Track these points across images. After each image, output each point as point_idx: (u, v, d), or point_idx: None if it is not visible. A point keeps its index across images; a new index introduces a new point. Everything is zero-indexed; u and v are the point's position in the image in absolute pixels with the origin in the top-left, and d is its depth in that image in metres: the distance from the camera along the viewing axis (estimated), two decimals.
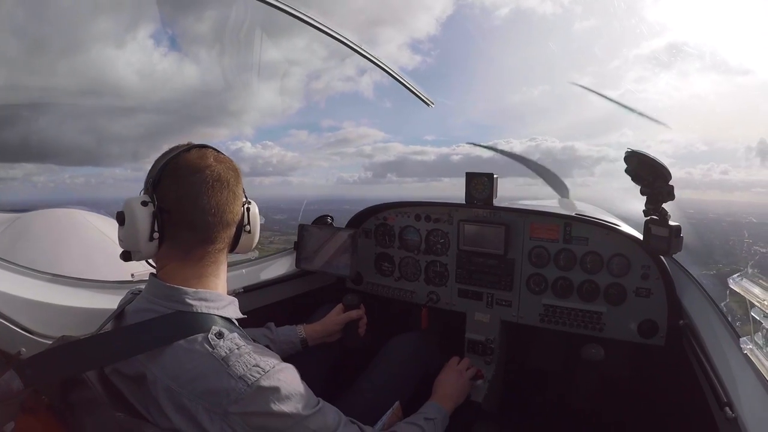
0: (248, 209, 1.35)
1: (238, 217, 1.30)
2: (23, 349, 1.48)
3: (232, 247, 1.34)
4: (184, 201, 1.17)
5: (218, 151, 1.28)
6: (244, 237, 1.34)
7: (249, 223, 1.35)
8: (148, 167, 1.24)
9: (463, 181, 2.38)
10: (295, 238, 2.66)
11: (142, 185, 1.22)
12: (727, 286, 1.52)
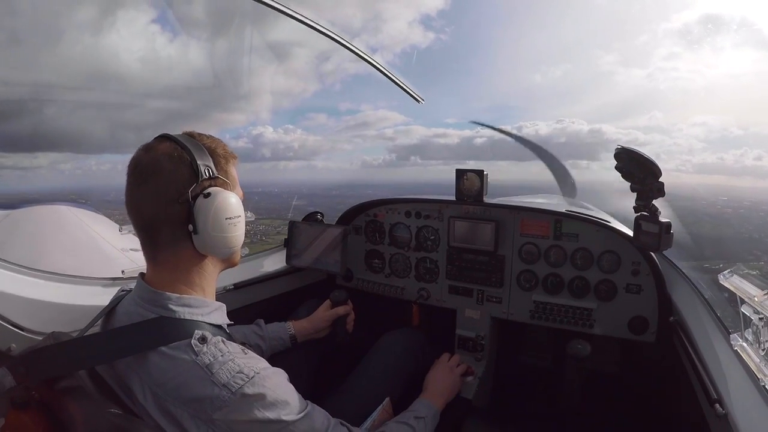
0: (193, 204, 1.11)
1: (171, 215, 1.10)
2: (14, 345, 1.49)
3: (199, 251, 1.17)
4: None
5: (168, 138, 1.14)
6: (196, 240, 1.13)
7: (194, 221, 1.11)
8: None
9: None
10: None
11: None
12: None
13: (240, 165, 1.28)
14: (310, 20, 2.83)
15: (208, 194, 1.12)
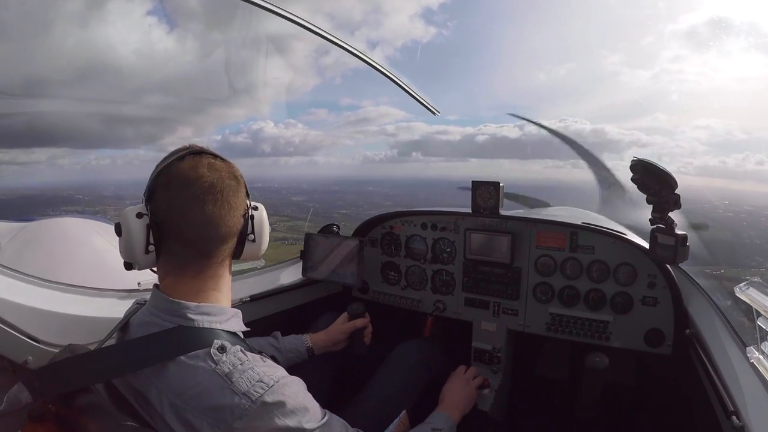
0: (252, 217, 1.28)
1: (237, 228, 1.23)
2: (30, 358, 1.50)
3: (236, 256, 1.29)
4: (174, 215, 1.14)
5: (216, 157, 1.21)
6: (248, 246, 1.28)
7: (253, 231, 1.29)
8: (169, 148, 1.23)
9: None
10: (305, 224, 2.68)
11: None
12: None
13: (240, 160, 1.37)
14: (326, 32, 2.87)
15: (256, 207, 1.31)
